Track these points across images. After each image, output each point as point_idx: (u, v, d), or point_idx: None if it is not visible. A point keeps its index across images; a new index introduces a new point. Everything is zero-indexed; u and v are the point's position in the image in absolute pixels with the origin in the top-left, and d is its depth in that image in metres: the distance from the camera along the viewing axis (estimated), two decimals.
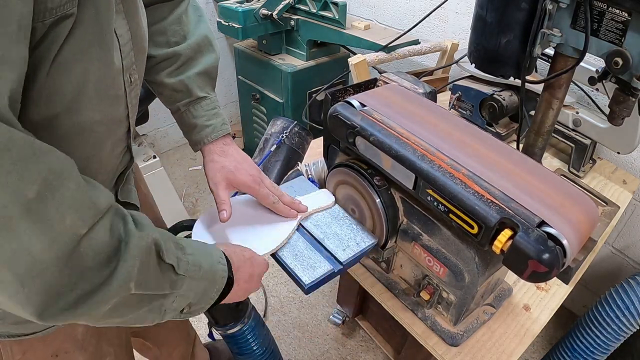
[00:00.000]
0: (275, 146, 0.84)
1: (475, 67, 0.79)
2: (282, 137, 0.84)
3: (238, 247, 0.61)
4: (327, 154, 0.79)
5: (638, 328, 1.07)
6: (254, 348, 0.94)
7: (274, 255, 0.67)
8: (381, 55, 1.38)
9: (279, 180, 0.86)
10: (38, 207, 0.34)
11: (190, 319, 1.27)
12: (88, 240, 0.37)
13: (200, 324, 1.52)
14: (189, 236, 0.70)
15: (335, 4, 1.52)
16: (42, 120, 0.42)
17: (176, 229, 0.82)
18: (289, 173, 0.85)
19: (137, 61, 0.56)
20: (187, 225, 0.82)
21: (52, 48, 0.39)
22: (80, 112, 0.45)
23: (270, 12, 1.59)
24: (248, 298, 0.94)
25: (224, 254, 0.55)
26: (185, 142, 0.72)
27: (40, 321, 0.37)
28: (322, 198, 0.76)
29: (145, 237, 0.43)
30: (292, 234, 0.69)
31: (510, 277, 0.79)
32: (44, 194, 0.34)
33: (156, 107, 2.03)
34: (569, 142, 1.11)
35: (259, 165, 0.83)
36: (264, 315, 1.57)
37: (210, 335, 0.95)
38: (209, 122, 0.68)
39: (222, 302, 0.55)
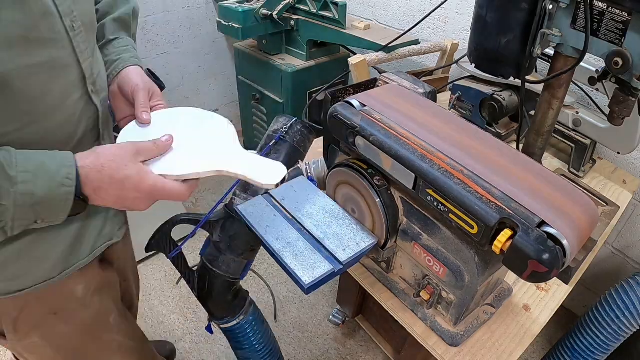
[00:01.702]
0: (274, 141, 0.83)
1: (475, 67, 0.79)
2: (282, 132, 0.83)
3: (110, 160, 0.50)
4: (327, 154, 0.79)
5: (638, 328, 1.07)
6: (254, 343, 0.93)
7: (274, 255, 0.67)
8: (381, 55, 1.38)
9: None
10: None
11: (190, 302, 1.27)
12: None
13: (198, 323, 1.52)
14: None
15: (335, 4, 1.52)
16: None
17: (174, 222, 0.83)
18: (289, 171, 0.85)
19: (75, 4, 0.55)
20: (185, 219, 0.82)
21: None
22: (9, 59, 0.46)
23: (270, 12, 1.59)
24: (247, 292, 0.94)
25: (78, 171, 0.48)
26: None
27: None
28: (266, 170, 0.59)
29: None
30: (208, 173, 0.58)
31: (510, 277, 0.79)
32: None
33: None
34: (569, 142, 1.11)
35: None
36: (275, 317, 1.57)
37: (208, 327, 0.95)
38: (117, 56, 0.69)
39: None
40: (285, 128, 0.84)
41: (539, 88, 0.82)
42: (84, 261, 0.64)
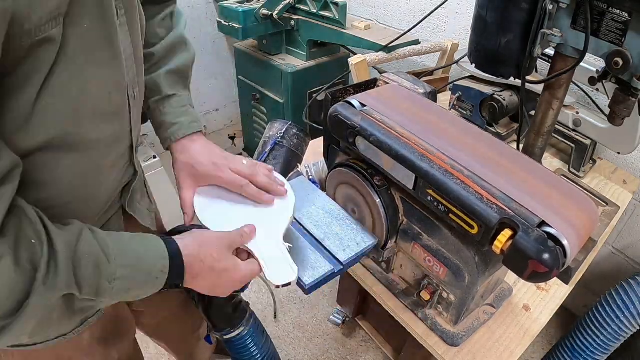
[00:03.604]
0: (270, 147, 0.83)
1: (476, 67, 0.79)
2: (278, 137, 0.83)
3: (212, 253, 0.52)
4: (327, 154, 0.79)
5: (638, 328, 1.07)
6: (254, 354, 0.94)
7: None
8: (381, 55, 1.38)
9: None
10: None
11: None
12: None
13: None
14: None
15: (336, 4, 1.52)
16: (35, 147, 0.41)
17: (175, 233, 0.80)
18: (289, 175, 0.85)
19: (138, 73, 0.54)
20: (186, 230, 0.79)
21: (39, 70, 0.37)
22: (77, 134, 0.44)
23: (270, 12, 1.59)
24: (248, 304, 0.94)
25: (182, 261, 0.49)
26: None
27: None
28: (279, 269, 0.59)
29: (51, 296, 0.39)
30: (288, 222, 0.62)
31: (511, 277, 0.79)
32: None
33: None
34: (569, 142, 1.11)
35: None
36: (275, 316, 1.57)
37: (208, 338, 0.95)
38: (176, 119, 0.66)
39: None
40: (281, 133, 0.83)
41: (539, 88, 0.82)
42: (98, 315, 0.61)
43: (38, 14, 0.34)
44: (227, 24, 1.61)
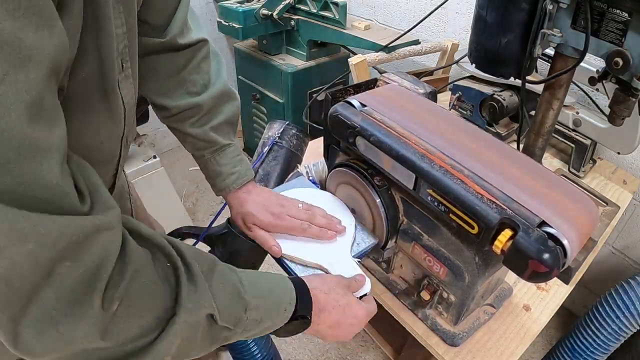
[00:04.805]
0: (268, 147, 0.83)
1: (476, 67, 0.79)
2: (277, 138, 0.83)
3: (334, 287, 0.57)
4: (328, 154, 0.79)
5: (638, 328, 1.07)
6: (254, 353, 0.94)
7: (275, 257, 0.67)
8: (381, 55, 1.38)
9: (279, 183, 0.86)
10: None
11: None
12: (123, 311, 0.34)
13: None
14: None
15: (336, 4, 1.52)
16: None
17: (175, 235, 0.76)
18: (289, 175, 0.85)
19: (133, 122, 0.54)
20: (187, 233, 0.78)
21: None
22: None
23: (270, 12, 1.59)
24: None
25: (308, 291, 0.52)
26: None
27: None
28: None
29: (197, 313, 0.39)
30: (314, 265, 0.65)
31: (511, 277, 0.79)
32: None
33: None
34: (569, 142, 1.11)
35: (253, 167, 0.82)
36: None
37: None
38: (234, 169, 0.69)
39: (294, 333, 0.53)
40: (279, 133, 0.83)
41: (539, 88, 0.82)
42: None
43: (65, 64, 0.34)
44: (227, 24, 1.61)
